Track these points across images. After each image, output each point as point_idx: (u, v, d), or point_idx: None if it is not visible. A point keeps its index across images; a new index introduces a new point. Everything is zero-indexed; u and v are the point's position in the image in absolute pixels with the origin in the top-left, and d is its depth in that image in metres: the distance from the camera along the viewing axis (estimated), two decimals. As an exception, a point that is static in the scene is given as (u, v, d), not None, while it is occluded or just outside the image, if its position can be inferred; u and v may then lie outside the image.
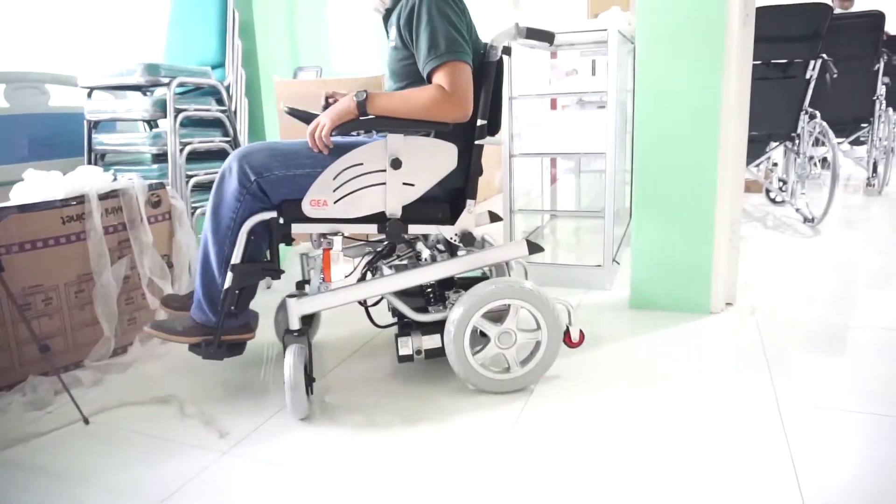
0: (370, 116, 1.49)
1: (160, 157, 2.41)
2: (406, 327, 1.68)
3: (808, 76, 3.15)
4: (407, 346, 1.65)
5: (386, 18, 1.68)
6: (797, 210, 3.48)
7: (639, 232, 2.24)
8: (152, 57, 2.62)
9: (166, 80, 2.22)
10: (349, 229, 1.60)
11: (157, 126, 2.54)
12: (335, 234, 1.63)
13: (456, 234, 1.63)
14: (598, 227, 3.53)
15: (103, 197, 1.96)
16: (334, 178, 1.52)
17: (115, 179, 2.03)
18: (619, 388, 1.69)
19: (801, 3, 2.97)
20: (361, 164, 1.52)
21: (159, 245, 2.11)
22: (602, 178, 4.57)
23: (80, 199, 1.90)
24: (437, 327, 1.64)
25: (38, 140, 2.42)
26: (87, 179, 1.94)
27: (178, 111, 2.25)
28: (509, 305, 1.61)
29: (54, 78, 2.53)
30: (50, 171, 1.91)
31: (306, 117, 1.68)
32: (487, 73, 1.57)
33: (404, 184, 1.55)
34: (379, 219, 1.58)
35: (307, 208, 1.52)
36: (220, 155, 2.51)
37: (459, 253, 1.68)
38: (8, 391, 1.76)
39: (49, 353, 1.64)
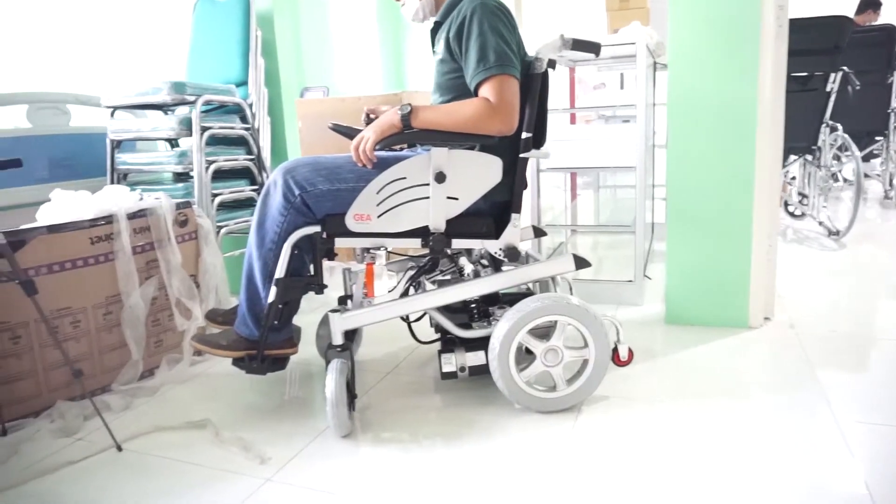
0: (414, 130, 1.47)
1: (181, 176, 2.38)
2: (449, 344, 1.64)
3: (828, 89, 3.14)
4: (450, 362, 1.61)
5: (434, 31, 1.67)
6: (820, 223, 3.44)
7: (674, 246, 2.20)
8: (174, 76, 2.60)
9: (192, 98, 2.19)
10: (392, 244, 1.57)
11: (178, 145, 2.51)
12: (378, 248, 1.61)
13: (501, 249, 1.59)
14: (618, 243, 3.52)
15: (131, 216, 1.92)
16: (378, 192, 1.49)
17: (140, 199, 2.00)
18: (671, 406, 1.63)
19: (821, 16, 2.97)
20: (405, 177, 1.50)
21: (186, 265, 2.06)
22: (616, 193, 4.57)
23: (109, 219, 1.86)
24: (481, 344, 1.60)
25: (58, 161, 2.38)
26: (116, 199, 1.90)
27: (203, 129, 2.22)
28: (556, 322, 1.56)
29: (76, 98, 2.50)
30: (78, 191, 1.87)
31: (349, 132, 1.67)
32: (533, 86, 1.54)
33: (448, 197, 1.52)
34: (422, 233, 1.55)
35: (350, 222, 1.50)
36: (244, 173, 2.48)
37: (504, 268, 1.63)
38: (35, 417, 1.70)
39: (82, 377, 1.59)
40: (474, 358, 1.60)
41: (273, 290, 1.51)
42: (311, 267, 1.56)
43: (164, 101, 2.18)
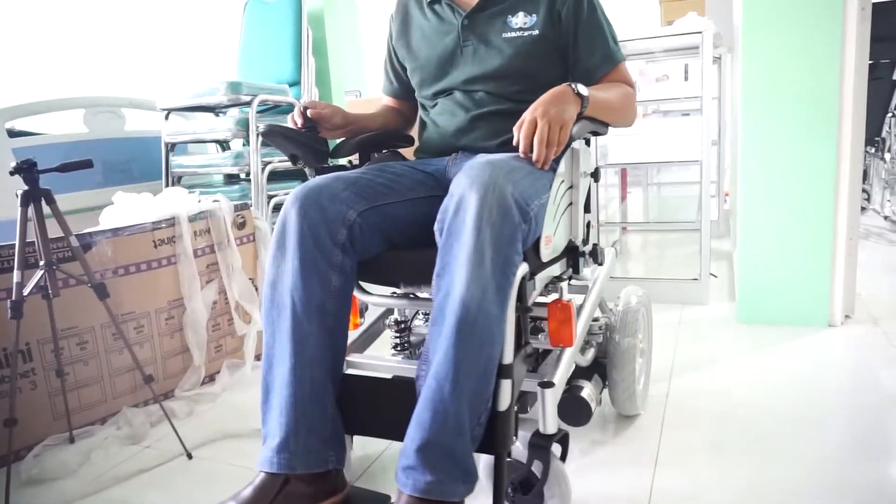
0: (582, 118, 1.11)
1: (232, 178, 2.35)
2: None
3: (895, 77, 3.00)
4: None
5: (482, 5, 1.30)
6: (885, 217, 3.30)
7: (747, 242, 2.10)
8: (228, 77, 2.58)
9: (247, 99, 2.16)
10: (545, 273, 1.16)
11: (228, 147, 2.49)
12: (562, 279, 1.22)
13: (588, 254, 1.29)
14: (670, 241, 3.41)
15: (192, 219, 1.88)
16: (554, 202, 1.11)
17: (199, 201, 1.96)
18: (760, 404, 1.54)
19: (888, 0, 2.84)
20: (563, 180, 1.15)
21: (245, 267, 2.03)
22: (660, 191, 4.46)
23: (171, 222, 1.83)
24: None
25: (114, 165, 2.37)
26: (176, 201, 1.88)
27: (259, 130, 2.19)
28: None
29: (131, 102, 2.49)
30: (141, 194, 1.85)
31: (293, 136, 1.31)
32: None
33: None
34: (569, 251, 1.22)
35: (542, 250, 1.08)
36: (297, 174, 2.44)
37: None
38: (102, 424, 1.67)
39: (153, 382, 1.55)
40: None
41: (506, 386, 0.96)
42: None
43: (221, 102, 2.15)
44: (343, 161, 1.40)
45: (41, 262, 1.36)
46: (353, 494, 1.07)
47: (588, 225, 1.27)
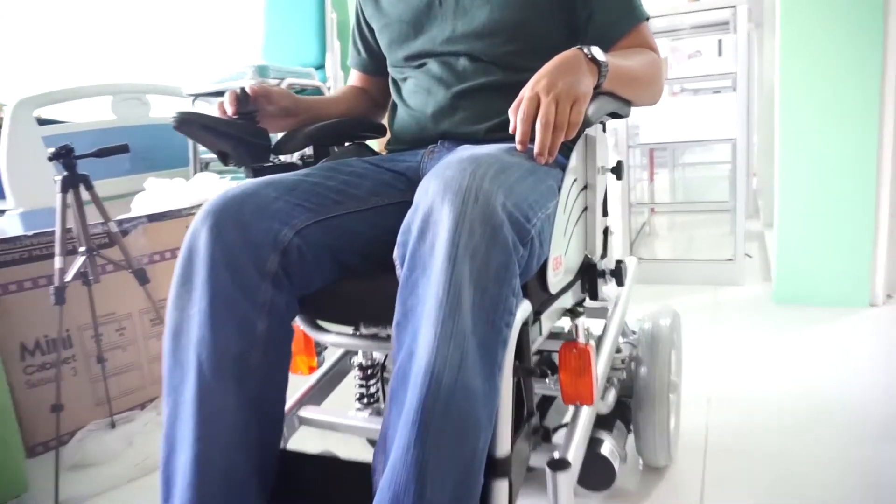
0: (599, 92, 0.84)
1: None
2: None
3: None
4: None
5: None
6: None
7: (785, 221, 2.06)
8: (253, 61, 2.56)
9: (275, 82, 2.14)
10: (555, 307, 0.88)
11: (254, 133, 2.47)
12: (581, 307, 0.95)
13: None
14: (699, 222, 3.37)
15: (224, 204, 1.87)
16: (566, 212, 0.83)
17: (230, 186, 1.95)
18: (797, 387, 1.51)
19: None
20: (576, 178, 0.88)
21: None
22: (685, 171, 4.40)
23: (203, 207, 1.82)
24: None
25: (140, 152, 2.36)
26: (208, 186, 1.87)
27: (286, 114, 2.17)
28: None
29: (156, 88, 2.48)
30: (173, 180, 1.84)
31: (209, 123, 1.00)
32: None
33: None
34: (584, 271, 0.94)
35: (550, 275, 0.79)
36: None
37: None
38: (142, 410, 1.68)
39: (193, 368, 1.55)
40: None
41: (500, 489, 0.69)
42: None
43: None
44: (293, 158, 1.10)
45: (81, 249, 1.36)
46: None
47: (606, 232, 1.00)
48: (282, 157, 1.02)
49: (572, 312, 0.89)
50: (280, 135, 1.04)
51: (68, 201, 1.33)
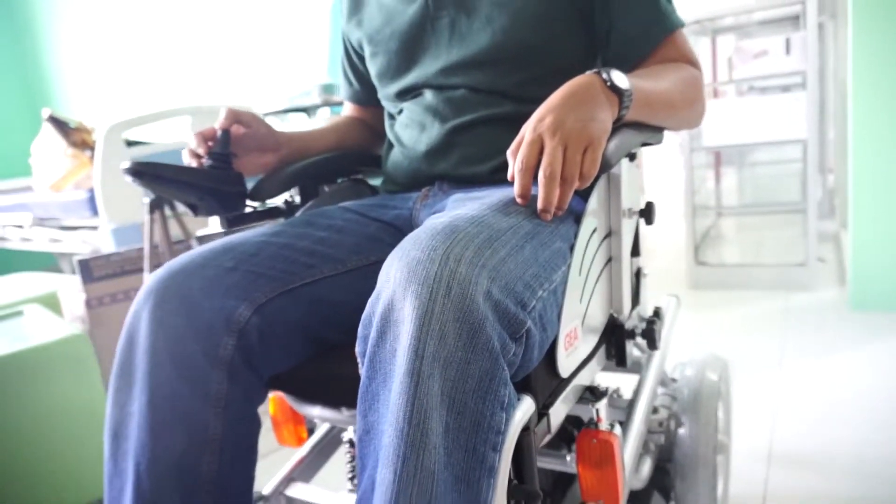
0: (621, 123, 0.69)
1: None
2: None
3: None
4: None
5: None
6: None
7: (861, 223, 1.98)
8: (319, 78, 2.67)
9: (339, 99, 2.23)
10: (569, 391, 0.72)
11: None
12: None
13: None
14: (771, 224, 3.24)
15: (293, 218, 1.97)
16: (583, 267, 0.68)
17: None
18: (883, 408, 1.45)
19: None
20: (595, 228, 0.72)
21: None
22: (759, 170, 4.24)
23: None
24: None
25: (217, 168, 2.51)
26: (278, 200, 1.97)
27: (350, 129, 2.26)
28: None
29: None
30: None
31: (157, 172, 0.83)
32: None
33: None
34: (609, 333, 0.78)
35: (561, 356, 0.64)
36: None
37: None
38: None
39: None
40: None
41: None
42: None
43: (315, 103, 2.23)
44: (277, 202, 0.96)
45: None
46: None
47: (639, 275, 0.86)
48: (263, 202, 0.90)
49: (592, 392, 0.72)
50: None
51: (154, 220, 1.44)
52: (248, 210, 0.87)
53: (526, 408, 0.55)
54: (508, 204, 0.63)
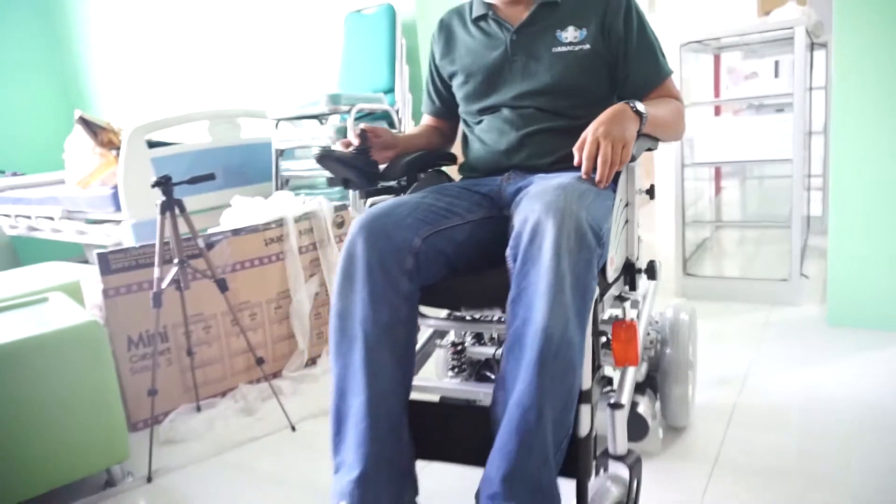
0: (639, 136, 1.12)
1: (333, 180, 2.57)
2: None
3: None
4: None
5: (530, 19, 1.28)
6: None
7: (838, 241, 2.05)
8: (328, 87, 2.81)
9: (346, 108, 2.37)
10: (609, 293, 1.17)
11: (331, 151, 2.71)
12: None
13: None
14: (769, 238, 3.30)
15: (297, 220, 2.11)
16: (617, 222, 1.12)
17: (304, 203, 2.19)
18: (841, 430, 1.54)
19: None
20: (621, 198, 1.15)
21: (343, 263, 2.24)
22: (762, 183, 4.28)
23: (279, 223, 2.07)
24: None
25: (234, 169, 2.67)
26: (284, 204, 2.11)
27: (356, 137, 2.39)
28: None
29: (246, 112, 2.79)
30: (254, 198, 2.10)
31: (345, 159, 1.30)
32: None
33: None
34: (626, 269, 1.21)
35: (609, 269, 1.09)
36: (391, 176, 2.63)
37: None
38: (222, 397, 1.94)
39: (264, 364, 1.79)
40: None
41: (586, 411, 0.97)
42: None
43: (322, 112, 2.37)
44: (391, 182, 1.36)
45: (175, 260, 1.62)
46: None
47: (639, 240, 1.26)
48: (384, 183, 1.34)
49: (620, 299, 1.19)
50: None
51: (165, 219, 1.59)
52: (379, 186, 1.31)
53: (595, 290, 0.98)
54: (578, 178, 1.06)
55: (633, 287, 1.20)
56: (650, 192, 1.28)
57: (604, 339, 1.14)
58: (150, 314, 1.65)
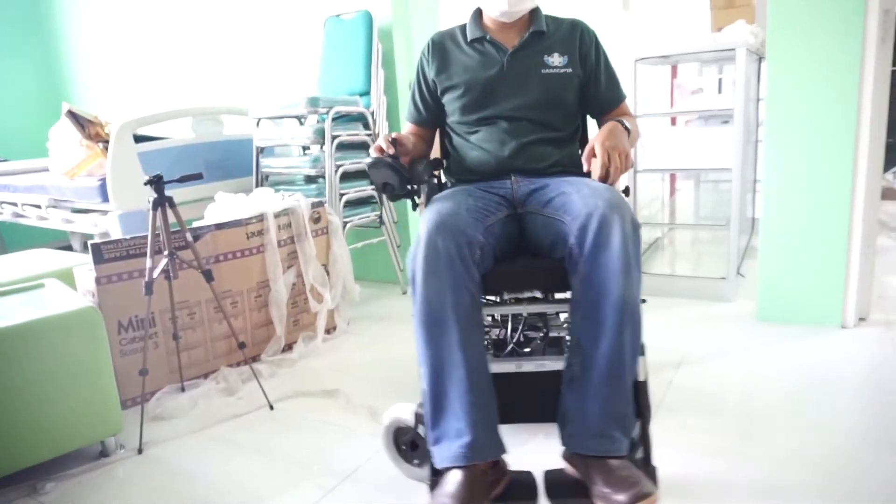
0: None
1: (311, 178, 2.73)
2: None
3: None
4: None
5: (523, 44, 1.51)
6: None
7: (767, 243, 2.28)
8: (308, 88, 2.96)
9: (325, 110, 2.52)
10: None
11: (308, 149, 2.86)
12: None
13: None
14: (719, 239, 3.55)
15: (277, 215, 2.28)
16: None
17: (283, 199, 2.35)
18: (758, 401, 1.76)
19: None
20: None
21: (319, 256, 2.41)
22: (718, 187, 4.54)
23: (260, 217, 2.23)
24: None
25: (214, 163, 2.81)
26: (265, 200, 2.27)
27: (333, 137, 2.55)
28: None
29: (229, 110, 2.92)
30: (237, 194, 2.25)
31: None
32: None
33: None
34: None
35: None
36: (365, 174, 2.79)
37: None
38: (205, 379, 2.10)
39: (245, 348, 1.96)
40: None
41: (643, 360, 1.28)
42: None
43: (301, 114, 2.52)
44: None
45: (165, 252, 1.77)
46: (511, 475, 1.28)
47: None
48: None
49: None
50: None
51: (157, 215, 1.75)
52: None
53: None
54: (590, 180, 1.33)
55: None
56: (626, 192, 1.47)
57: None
58: (139, 301, 1.80)
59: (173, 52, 3.74)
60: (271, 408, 1.90)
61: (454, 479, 1.16)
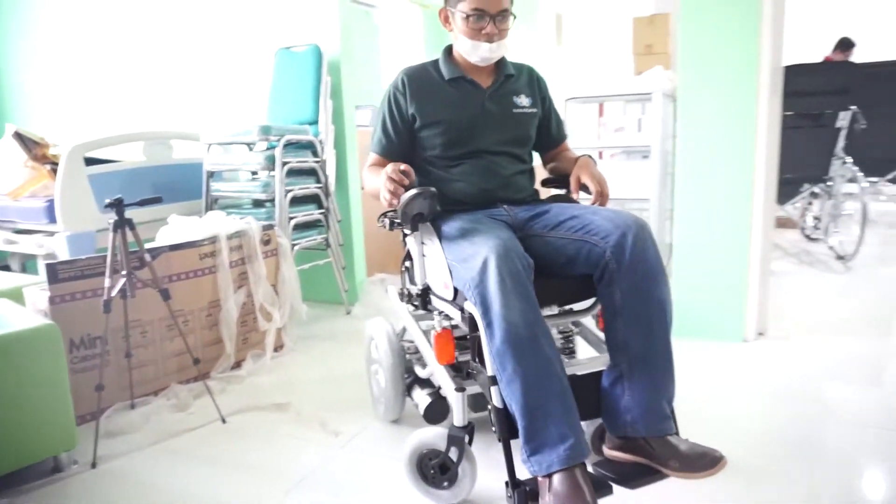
0: None
1: (259, 202, 2.83)
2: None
3: (838, 125, 3.42)
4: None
5: (498, 85, 1.70)
6: (830, 248, 3.71)
7: (679, 266, 2.54)
8: (257, 115, 3.07)
9: (275, 138, 2.65)
10: None
11: (257, 175, 2.97)
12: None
13: None
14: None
15: (229, 237, 2.37)
16: None
17: (235, 222, 2.45)
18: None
19: (827, 62, 3.26)
20: None
21: (269, 276, 2.51)
22: (640, 215, 4.88)
23: (213, 239, 2.32)
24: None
25: (164, 186, 2.86)
26: (217, 223, 2.36)
27: (283, 164, 2.68)
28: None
29: (182, 135, 2.99)
30: (190, 217, 2.33)
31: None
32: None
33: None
34: None
35: None
36: (313, 199, 2.92)
37: None
38: (155, 396, 2.15)
39: (199, 364, 2.04)
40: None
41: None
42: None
43: (253, 141, 2.63)
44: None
45: (123, 272, 1.85)
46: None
47: None
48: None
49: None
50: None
51: (116, 236, 1.82)
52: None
53: None
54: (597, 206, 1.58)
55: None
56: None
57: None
58: (92, 319, 1.86)
59: (122, 76, 3.75)
60: (224, 421, 1.98)
61: (567, 479, 1.23)
